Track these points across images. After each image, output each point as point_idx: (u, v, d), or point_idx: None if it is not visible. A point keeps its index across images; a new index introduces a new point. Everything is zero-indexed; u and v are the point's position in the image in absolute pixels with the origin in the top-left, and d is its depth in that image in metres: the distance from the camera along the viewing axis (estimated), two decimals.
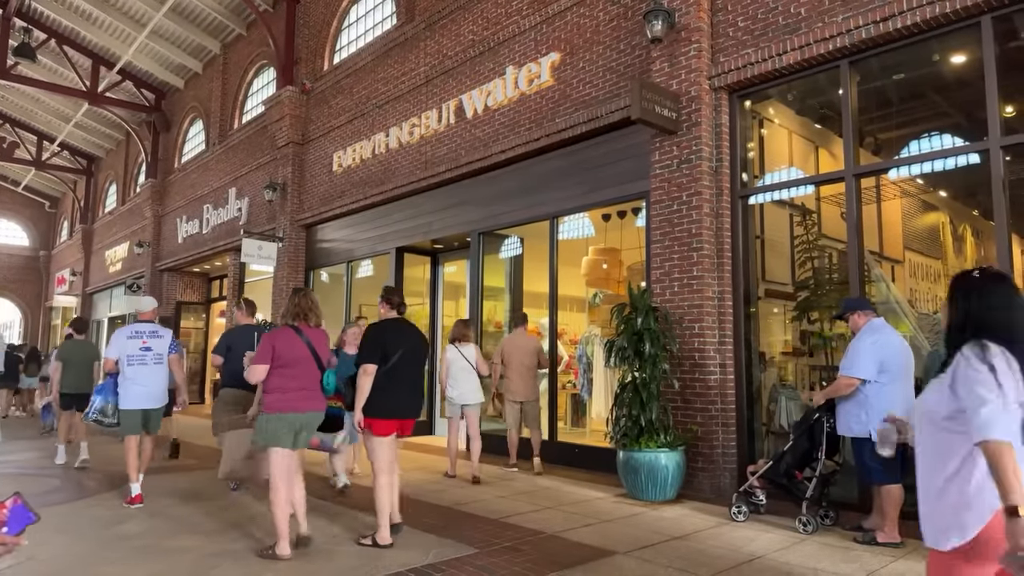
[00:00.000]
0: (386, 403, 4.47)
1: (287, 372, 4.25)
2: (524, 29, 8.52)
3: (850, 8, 5.66)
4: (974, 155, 5.28)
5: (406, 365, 4.54)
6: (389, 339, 4.54)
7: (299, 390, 4.29)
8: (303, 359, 4.30)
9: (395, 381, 4.49)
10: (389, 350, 4.49)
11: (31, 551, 4.32)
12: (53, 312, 27.85)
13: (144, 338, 5.88)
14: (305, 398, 4.32)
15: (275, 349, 4.24)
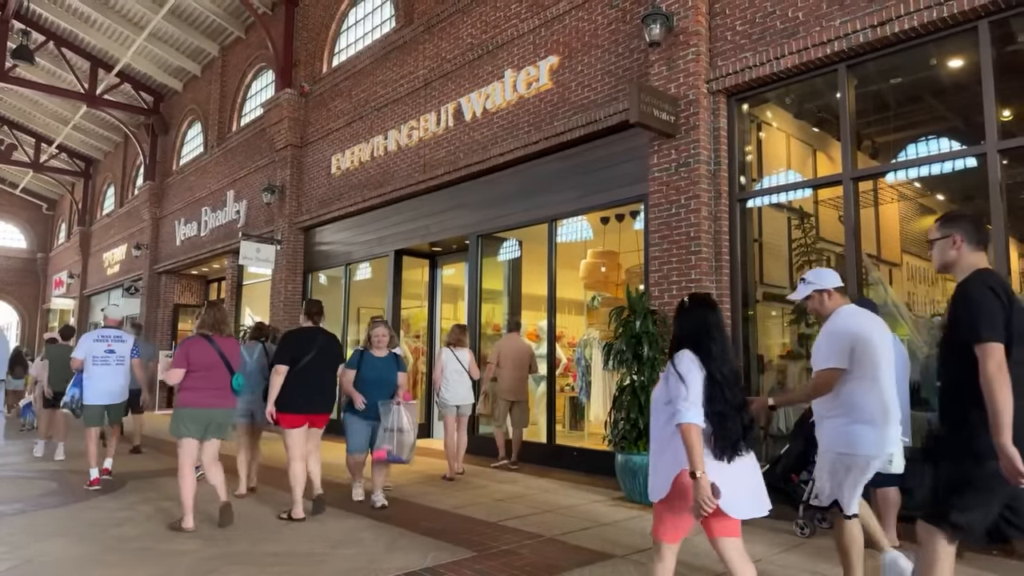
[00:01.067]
0: (295, 400, 5.27)
1: (200, 375, 4.93)
2: (523, 32, 8.54)
3: (847, 12, 5.68)
4: (971, 159, 5.30)
5: (315, 367, 5.35)
6: (300, 345, 5.40)
7: (211, 390, 4.95)
8: (214, 364, 4.99)
9: (303, 381, 5.27)
10: (299, 354, 5.32)
11: (29, 554, 4.31)
12: (50, 314, 27.80)
13: (109, 342, 6.64)
14: (216, 397, 4.98)
15: (189, 356, 4.94)
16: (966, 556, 4.30)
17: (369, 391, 5.61)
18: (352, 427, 5.71)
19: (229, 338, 5.22)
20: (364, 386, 5.65)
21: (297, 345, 5.37)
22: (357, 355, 5.79)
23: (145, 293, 18.11)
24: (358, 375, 5.69)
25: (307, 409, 5.35)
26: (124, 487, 6.64)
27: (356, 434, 5.70)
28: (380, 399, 5.58)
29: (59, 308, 26.31)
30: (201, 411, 4.94)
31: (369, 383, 5.65)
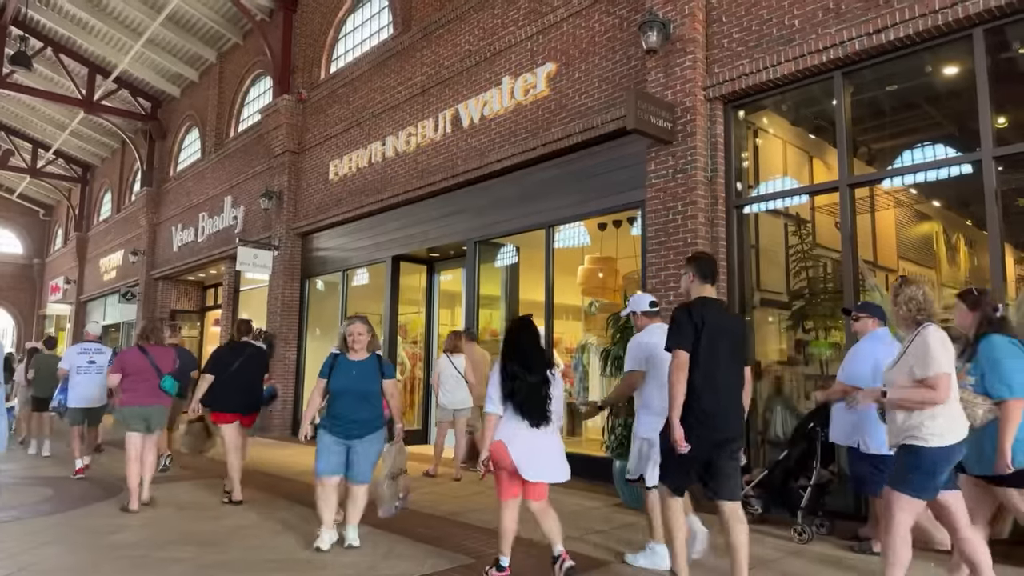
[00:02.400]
0: (225, 401, 6.13)
1: (134, 379, 5.93)
2: (520, 39, 8.57)
3: (843, 20, 5.71)
4: (967, 166, 5.33)
5: (242, 375, 6.21)
6: (226, 357, 6.24)
7: (144, 391, 5.94)
8: (145, 369, 5.96)
9: (230, 385, 6.11)
10: (228, 364, 6.19)
11: (24, 562, 4.29)
12: (46, 320, 27.73)
13: (90, 354, 7.72)
14: (149, 396, 5.98)
15: (124, 363, 5.98)
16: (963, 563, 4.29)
17: (343, 405, 4.59)
18: (321, 443, 4.61)
19: (161, 346, 6.24)
20: (336, 400, 4.63)
21: (227, 357, 6.27)
22: (329, 361, 4.72)
23: (142, 299, 18.07)
24: (329, 386, 4.65)
25: (236, 409, 6.19)
26: (120, 494, 6.61)
27: (325, 452, 4.56)
28: (361, 414, 4.58)
29: (55, 314, 26.24)
30: (139, 408, 5.93)
31: (341, 395, 4.61)
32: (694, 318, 3.56)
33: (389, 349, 10.34)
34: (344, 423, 4.58)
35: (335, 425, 4.59)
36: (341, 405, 4.61)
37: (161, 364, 6.03)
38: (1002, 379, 3.46)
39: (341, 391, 4.61)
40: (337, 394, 4.63)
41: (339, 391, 4.62)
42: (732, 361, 3.64)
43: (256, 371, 6.40)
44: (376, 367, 4.70)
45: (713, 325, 3.58)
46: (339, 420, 4.58)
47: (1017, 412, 3.43)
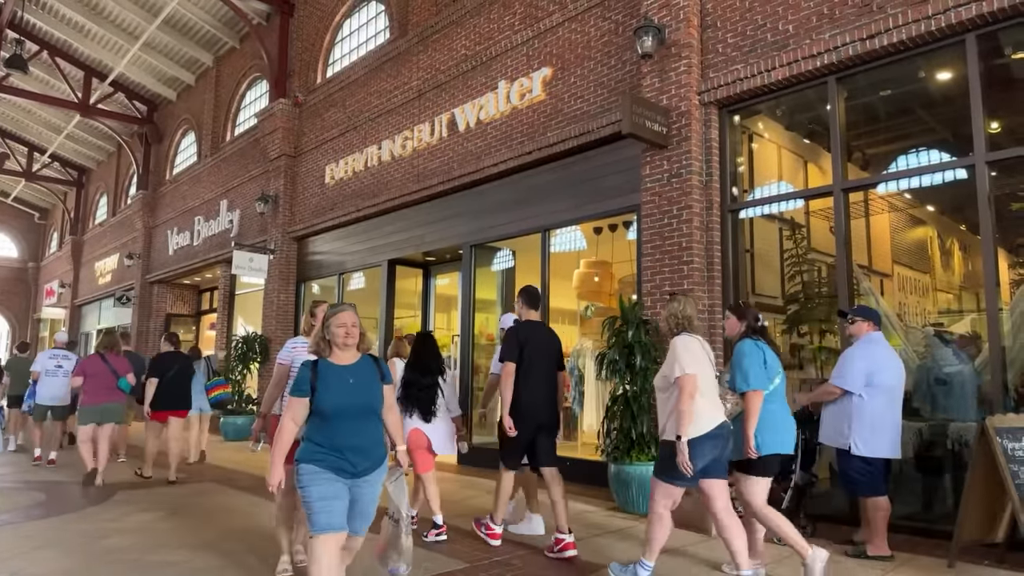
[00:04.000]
0: (162, 400, 7.61)
1: (94, 381, 7.32)
2: (516, 44, 8.59)
3: (837, 25, 5.74)
4: (960, 170, 5.35)
5: (175, 378, 7.74)
6: (165, 364, 7.79)
7: (102, 391, 7.32)
8: (103, 372, 7.38)
9: (166, 389, 7.61)
10: (163, 370, 7.68)
11: (16, 566, 4.26)
12: (41, 324, 27.62)
13: (58, 359, 9.08)
14: (105, 395, 7.34)
15: (84, 369, 7.39)
16: (958, 567, 4.31)
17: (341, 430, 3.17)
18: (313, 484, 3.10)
19: (117, 355, 7.70)
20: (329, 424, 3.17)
21: (162, 364, 7.81)
22: (307, 372, 3.21)
23: (137, 303, 18.03)
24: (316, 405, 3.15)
25: (168, 408, 7.72)
26: (113, 497, 6.59)
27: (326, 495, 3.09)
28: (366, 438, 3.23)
29: (50, 318, 26.13)
30: (95, 406, 7.33)
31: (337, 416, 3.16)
32: (520, 337, 4.77)
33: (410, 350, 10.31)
34: (345, 455, 3.13)
35: (331, 458, 3.12)
36: (338, 430, 3.15)
37: (118, 368, 7.50)
38: (743, 375, 4.00)
39: (337, 410, 3.14)
40: (331, 415, 3.14)
41: (334, 410, 3.14)
42: (547, 368, 4.84)
43: (187, 374, 8.06)
44: (375, 371, 3.34)
45: (533, 342, 4.79)
46: (337, 451, 3.13)
47: (755, 402, 3.95)
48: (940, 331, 6.02)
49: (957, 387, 5.46)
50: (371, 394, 3.28)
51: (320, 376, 3.18)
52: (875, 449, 4.49)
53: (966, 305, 6.85)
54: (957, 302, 7.18)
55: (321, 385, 3.16)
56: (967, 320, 6.31)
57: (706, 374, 3.88)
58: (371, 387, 3.30)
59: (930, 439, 5.44)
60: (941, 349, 5.69)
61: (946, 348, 5.68)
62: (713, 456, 3.82)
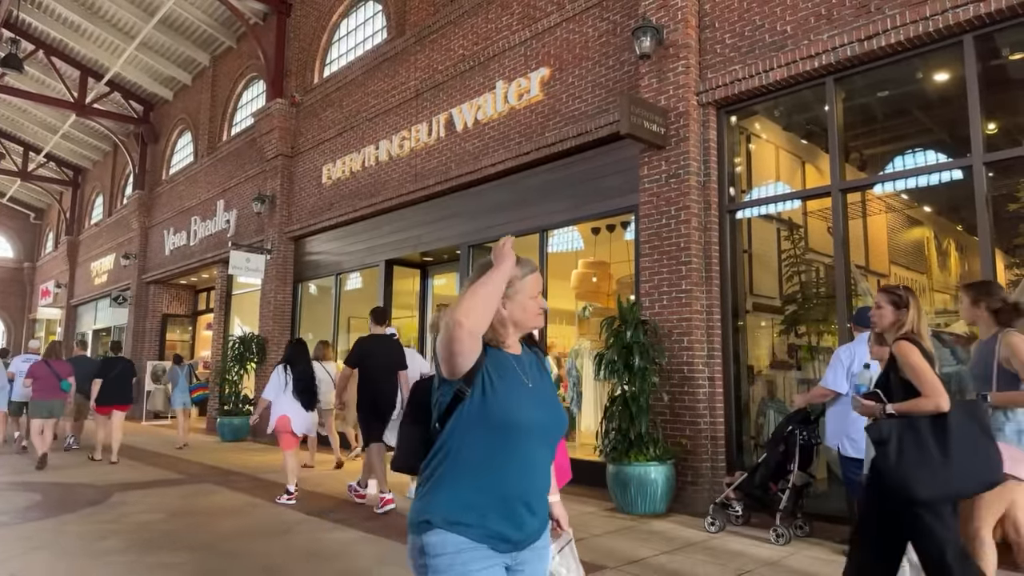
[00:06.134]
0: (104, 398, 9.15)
1: (41, 383, 8.87)
2: (514, 44, 8.58)
3: (835, 26, 5.75)
4: (958, 171, 5.36)
5: (118, 377, 9.33)
6: (109, 366, 9.39)
7: (46, 391, 8.87)
8: (47, 376, 8.93)
9: (110, 388, 9.19)
10: (107, 371, 9.29)
11: (13, 568, 4.25)
12: (37, 324, 27.52)
13: (31, 363, 9.65)
14: (49, 393, 8.89)
15: (33, 373, 8.92)
16: None
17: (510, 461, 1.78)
18: None
19: (60, 361, 9.36)
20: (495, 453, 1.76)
21: (107, 367, 9.41)
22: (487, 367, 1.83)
23: (133, 303, 17.97)
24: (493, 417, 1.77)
25: (111, 403, 9.23)
26: (110, 499, 6.57)
27: None
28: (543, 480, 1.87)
29: (46, 318, 26.04)
30: (41, 402, 8.84)
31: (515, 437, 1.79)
32: (362, 347, 6.35)
33: None
34: (514, 508, 1.78)
35: (491, 519, 1.75)
36: (511, 464, 1.78)
37: (60, 372, 9.07)
38: None
39: (520, 426, 1.79)
40: (508, 436, 1.78)
41: (516, 427, 1.79)
42: (387, 371, 6.27)
43: (129, 375, 9.58)
44: (547, 372, 2.06)
45: (374, 350, 6.30)
46: (502, 503, 1.77)
47: None
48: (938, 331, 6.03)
49: (955, 387, 5.47)
50: (559, 408, 1.93)
51: (494, 369, 1.78)
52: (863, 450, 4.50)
53: None
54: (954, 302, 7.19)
55: (497, 379, 1.77)
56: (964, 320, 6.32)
57: None
58: (555, 396, 1.97)
59: None
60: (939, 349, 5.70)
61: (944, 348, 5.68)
62: None
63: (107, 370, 9.33)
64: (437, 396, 1.79)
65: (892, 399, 2.97)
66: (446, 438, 1.75)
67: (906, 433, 2.84)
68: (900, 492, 2.77)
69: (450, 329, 1.64)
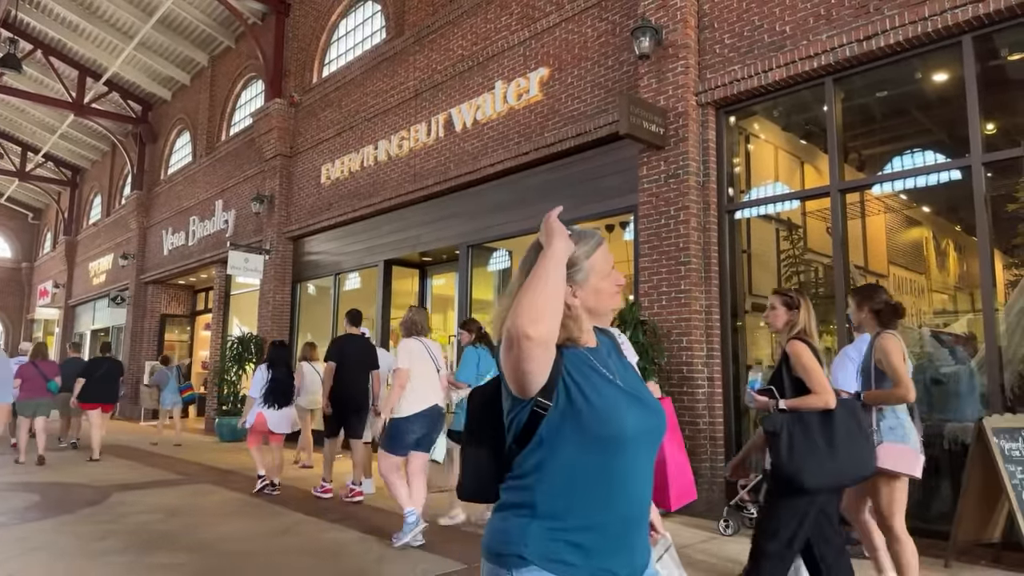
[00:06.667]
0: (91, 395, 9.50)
1: (28, 383, 9.12)
2: (513, 44, 8.58)
3: (834, 27, 5.75)
4: (956, 171, 5.37)
5: (102, 377, 9.63)
6: (95, 366, 9.79)
7: (33, 390, 9.15)
8: (35, 376, 9.22)
9: (95, 386, 9.53)
10: (92, 371, 9.65)
11: (11, 569, 4.24)
12: (35, 325, 27.49)
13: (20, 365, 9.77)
14: (36, 393, 9.17)
15: (21, 373, 9.06)
16: (955, 567, 4.32)
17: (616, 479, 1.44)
18: None
19: (47, 361, 9.59)
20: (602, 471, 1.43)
21: (93, 367, 9.77)
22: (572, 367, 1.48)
23: (131, 303, 17.95)
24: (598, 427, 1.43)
25: (95, 401, 9.59)
26: (108, 499, 6.56)
27: None
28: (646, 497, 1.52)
29: (44, 318, 26.01)
30: (28, 401, 9.16)
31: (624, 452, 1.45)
32: (337, 346, 6.74)
33: None
34: (628, 535, 1.48)
35: (602, 552, 1.42)
36: (618, 482, 1.44)
37: (47, 372, 9.37)
38: (459, 371, 5.42)
39: (625, 437, 1.44)
40: (612, 451, 1.43)
41: (620, 438, 1.43)
42: (359, 368, 6.70)
43: (116, 374, 9.99)
44: (624, 355, 1.71)
45: (348, 349, 6.70)
46: (613, 533, 1.44)
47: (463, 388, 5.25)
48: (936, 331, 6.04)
49: (953, 387, 5.48)
50: (655, 401, 1.59)
51: (586, 371, 1.48)
52: None
53: (961, 306, 6.88)
54: (952, 303, 7.20)
55: (584, 384, 1.45)
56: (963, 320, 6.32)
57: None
58: (645, 386, 1.62)
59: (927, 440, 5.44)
60: (938, 350, 5.71)
61: (942, 348, 5.70)
62: (415, 431, 4.96)
63: (93, 369, 9.70)
64: (510, 415, 1.48)
65: (784, 395, 3.20)
66: (532, 460, 1.44)
67: (796, 427, 3.06)
68: (791, 481, 2.98)
69: (517, 345, 1.32)
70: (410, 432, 4.92)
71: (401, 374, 4.90)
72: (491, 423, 1.57)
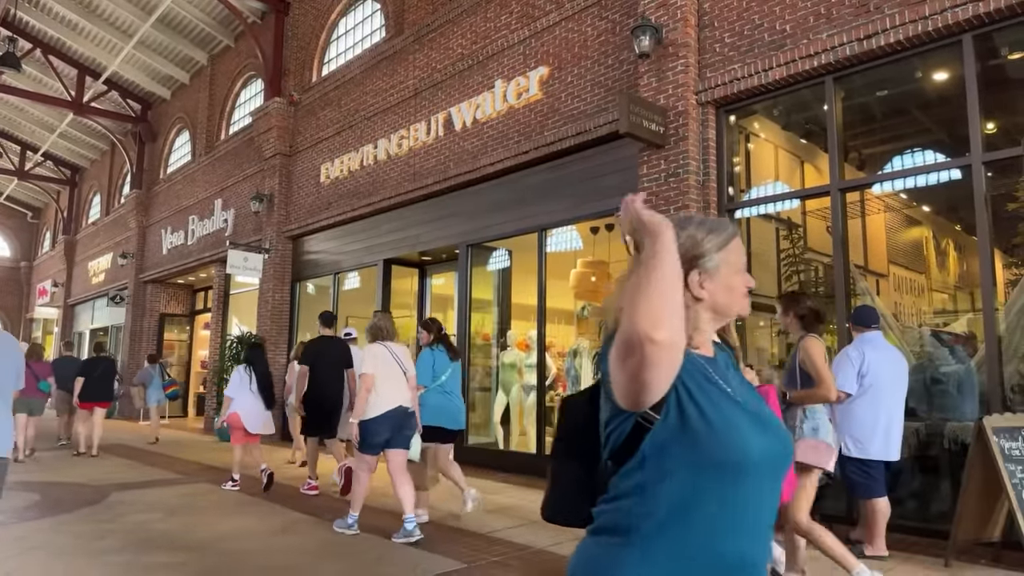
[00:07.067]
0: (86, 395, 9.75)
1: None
2: (513, 43, 8.57)
3: (834, 25, 5.74)
4: (956, 171, 5.36)
5: (100, 377, 9.90)
6: (91, 366, 10.04)
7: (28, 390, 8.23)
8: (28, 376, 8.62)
9: (93, 386, 9.77)
10: (89, 370, 9.88)
11: (9, 568, 4.23)
12: (34, 324, 27.47)
13: None
14: (30, 393, 9.01)
15: None
16: (955, 566, 4.32)
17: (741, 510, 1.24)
18: None
19: (40, 362, 9.74)
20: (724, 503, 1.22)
21: (89, 366, 10.01)
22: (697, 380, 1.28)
23: (130, 302, 17.93)
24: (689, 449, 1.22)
25: (93, 400, 9.85)
26: (107, 498, 6.55)
27: None
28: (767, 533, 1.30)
29: (43, 317, 25.99)
30: (24, 400, 9.11)
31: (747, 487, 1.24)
32: (313, 348, 7.04)
33: None
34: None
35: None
36: (734, 523, 1.23)
37: (39, 373, 9.51)
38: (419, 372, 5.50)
39: (749, 464, 1.23)
40: (732, 479, 1.22)
41: (743, 465, 1.23)
42: (333, 369, 6.83)
43: (110, 374, 10.30)
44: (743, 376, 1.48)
45: (322, 352, 6.89)
46: (718, 569, 1.22)
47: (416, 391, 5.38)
48: (936, 331, 6.03)
49: (954, 387, 5.48)
50: (782, 427, 1.42)
51: (691, 383, 1.26)
52: (866, 451, 4.50)
53: (961, 305, 6.88)
54: (952, 302, 7.20)
55: (701, 397, 1.26)
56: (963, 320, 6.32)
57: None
58: (770, 411, 1.41)
59: (927, 439, 5.45)
60: (938, 349, 5.71)
61: (942, 348, 5.69)
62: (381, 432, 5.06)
63: (90, 369, 9.93)
64: (608, 426, 1.30)
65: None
66: (631, 481, 1.25)
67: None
68: None
69: (640, 350, 1.10)
70: (377, 433, 5.05)
71: (366, 379, 5.05)
72: (586, 434, 1.39)
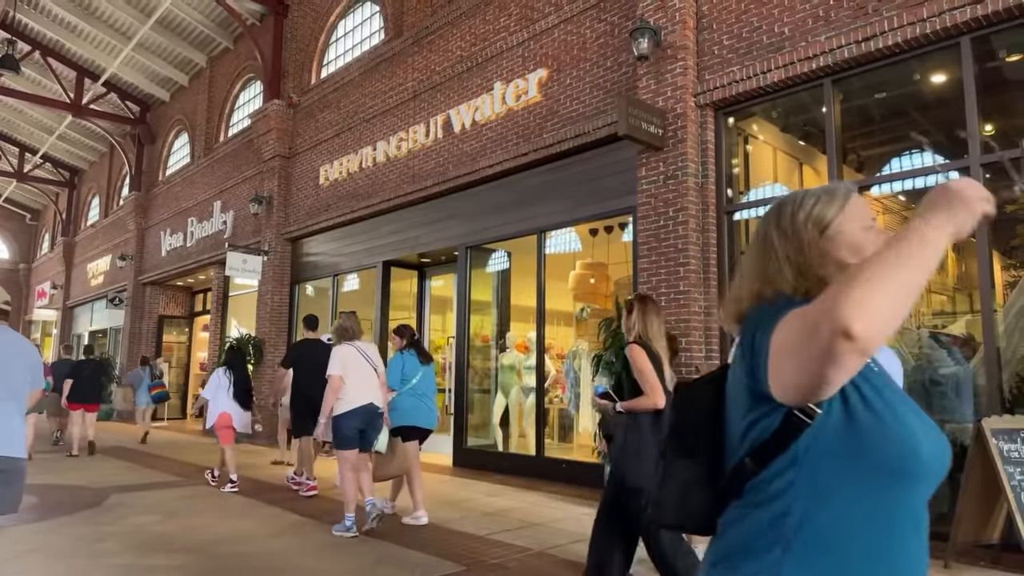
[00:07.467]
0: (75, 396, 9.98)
1: None
2: (512, 45, 8.58)
3: (832, 28, 5.75)
4: (955, 173, 5.37)
5: (87, 378, 10.08)
6: (81, 367, 10.22)
7: None
8: None
9: (82, 387, 10.02)
10: (79, 372, 10.10)
11: (8, 570, 4.23)
12: (33, 326, 27.45)
13: None
14: None
15: None
16: (954, 567, 4.32)
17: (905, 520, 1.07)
18: None
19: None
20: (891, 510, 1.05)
21: (79, 368, 10.22)
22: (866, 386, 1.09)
23: (129, 304, 17.93)
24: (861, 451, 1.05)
25: (81, 401, 10.07)
26: (107, 501, 6.54)
27: None
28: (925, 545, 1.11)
29: (42, 319, 25.97)
30: None
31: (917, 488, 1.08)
32: (295, 351, 7.23)
33: None
34: None
35: None
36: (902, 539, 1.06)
37: None
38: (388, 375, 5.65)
39: (920, 469, 1.06)
40: (900, 486, 1.05)
41: (915, 469, 1.06)
42: (315, 372, 6.12)
43: (98, 376, 10.46)
44: None
45: (305, 355, 6.88)
46: None
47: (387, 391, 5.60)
48: (935, 332, 6.04)
49: (952, 389, 5.48)
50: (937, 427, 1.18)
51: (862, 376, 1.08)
52: None
53: (960, 307, 6.88)
54: (951, 304, 7.20)
55: (869, 387, 1.09)
56: (962, 321, 6.33)
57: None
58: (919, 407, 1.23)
59: None
60: (936, 350, 5.71)
61: (941, 350, 5.70)
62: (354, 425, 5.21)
63: (79, 371, 10.11)
64: (747, 419, 1.11)
65: (623, 398, 3.34)
66: (777, 484, 1.07)
67: (630, 429, 3.21)
68: (620, 481, 3.16)
69: (829, 340, 0.91)
70: (349, 426, 5.22)
71: (333, 380, 5.21)
72: (707, 429, 1.21)
